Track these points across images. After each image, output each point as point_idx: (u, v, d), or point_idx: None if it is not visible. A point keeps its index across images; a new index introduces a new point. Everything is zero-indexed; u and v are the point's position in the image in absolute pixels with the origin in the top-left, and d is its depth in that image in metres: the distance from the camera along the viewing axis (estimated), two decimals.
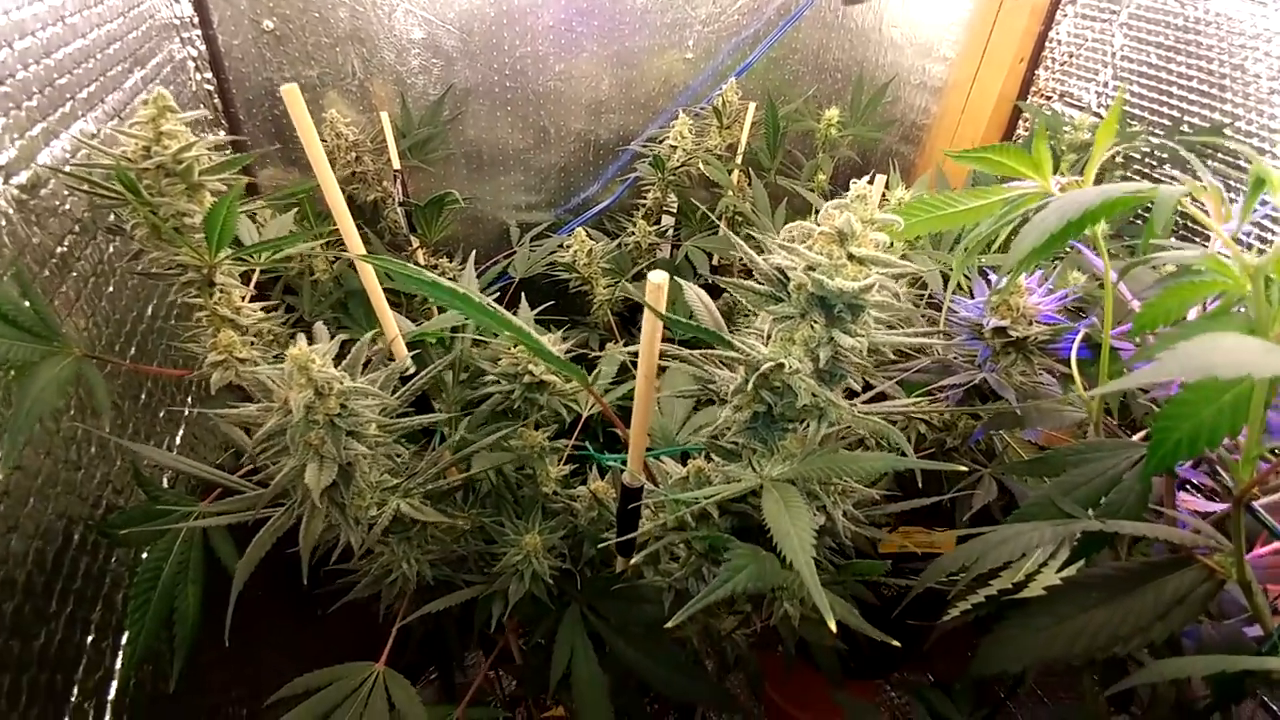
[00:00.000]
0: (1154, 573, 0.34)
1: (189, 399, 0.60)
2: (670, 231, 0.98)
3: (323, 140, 0.85)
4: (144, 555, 0.45)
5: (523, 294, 0.71)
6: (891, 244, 0.33)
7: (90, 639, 0.39)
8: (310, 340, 0.37)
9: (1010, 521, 0.37)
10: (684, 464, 0.42)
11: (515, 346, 0.52)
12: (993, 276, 0.52)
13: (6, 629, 0.33)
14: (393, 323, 0.47)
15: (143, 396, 0.51)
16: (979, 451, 0.54)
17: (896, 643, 0.34)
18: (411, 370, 0.49)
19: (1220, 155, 0.90)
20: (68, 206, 0.45)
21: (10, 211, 0.38)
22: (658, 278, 0.29)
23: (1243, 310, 0.28)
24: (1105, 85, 1.07)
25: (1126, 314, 0.46)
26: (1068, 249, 0.69)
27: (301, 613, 0.64)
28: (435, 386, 0.54)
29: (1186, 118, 0.95)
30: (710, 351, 0.36)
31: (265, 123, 0.87)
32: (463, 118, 0.95)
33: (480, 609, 0.50)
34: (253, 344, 0.51)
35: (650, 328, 0.31)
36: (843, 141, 0.95)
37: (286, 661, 0.61)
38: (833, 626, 0.26)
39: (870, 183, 0.32)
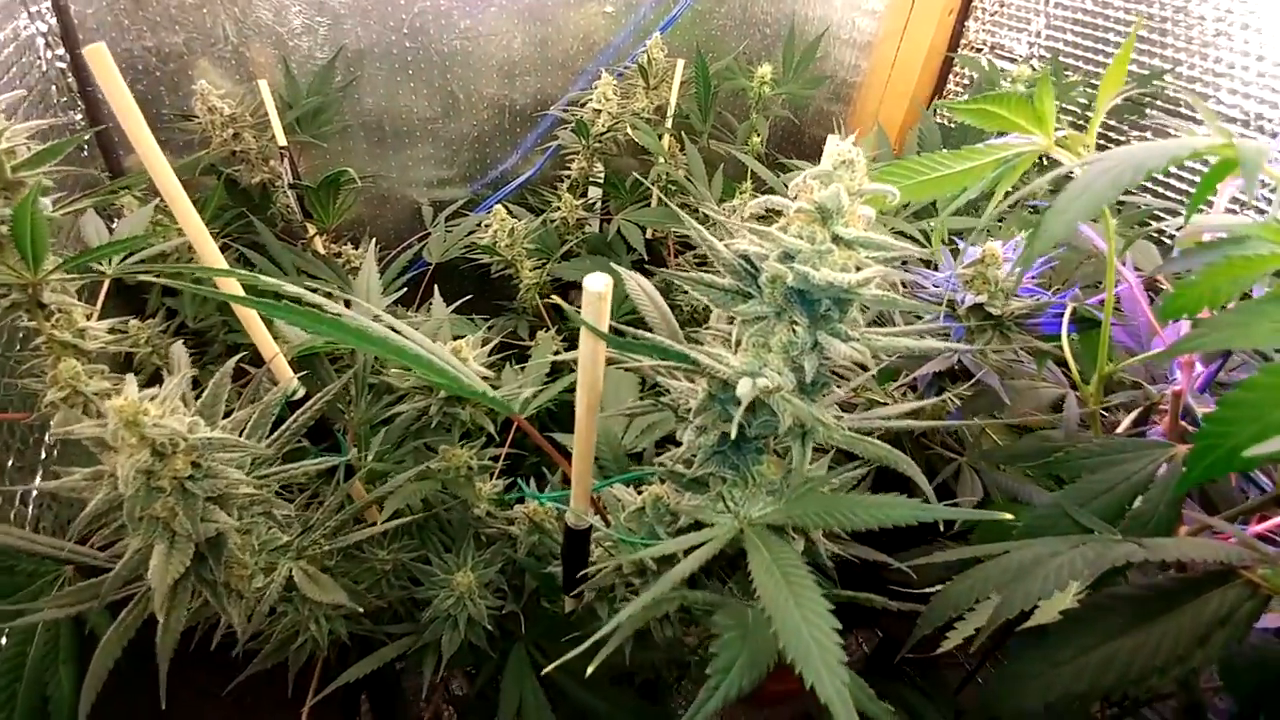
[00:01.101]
0: (1190, 591, 0.29)
1: (46, 438, 0.49)
2: (598, 204, 0.90)
3: (194, 117, 0.72)
4: (0, 640, 0.35)
5: (437, 283, 0.63)
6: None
7: None
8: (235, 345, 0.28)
9: (1020, 537, 0.32)
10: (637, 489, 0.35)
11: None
12: (962, 245, 0.47)
13: None
14: (269, 340, 0.38)
15: None
16: (950, 437, 0.50)
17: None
18: (300, 394, 0.40)
19: (1159, 103, 0.90)
20: None
21: None
22: (596, 284, 0.22)
23: None
24: (1038, 35, 1.05)
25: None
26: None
27: (209, 680, 0.54)
28: (334, 407, 0.45)
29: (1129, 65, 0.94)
30: (664, 362, 0.30)
31: (120, 68, 0.72)
32: (358, 84, 0.83)
33: (410, 664, 0.43)
34: (103, 373, 0.41)
35: (590, 348, 0.24)
36: (776, 100, 0.89)
37: None
38: None
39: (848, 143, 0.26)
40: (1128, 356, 0.42)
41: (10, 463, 0.49)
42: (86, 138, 0.70)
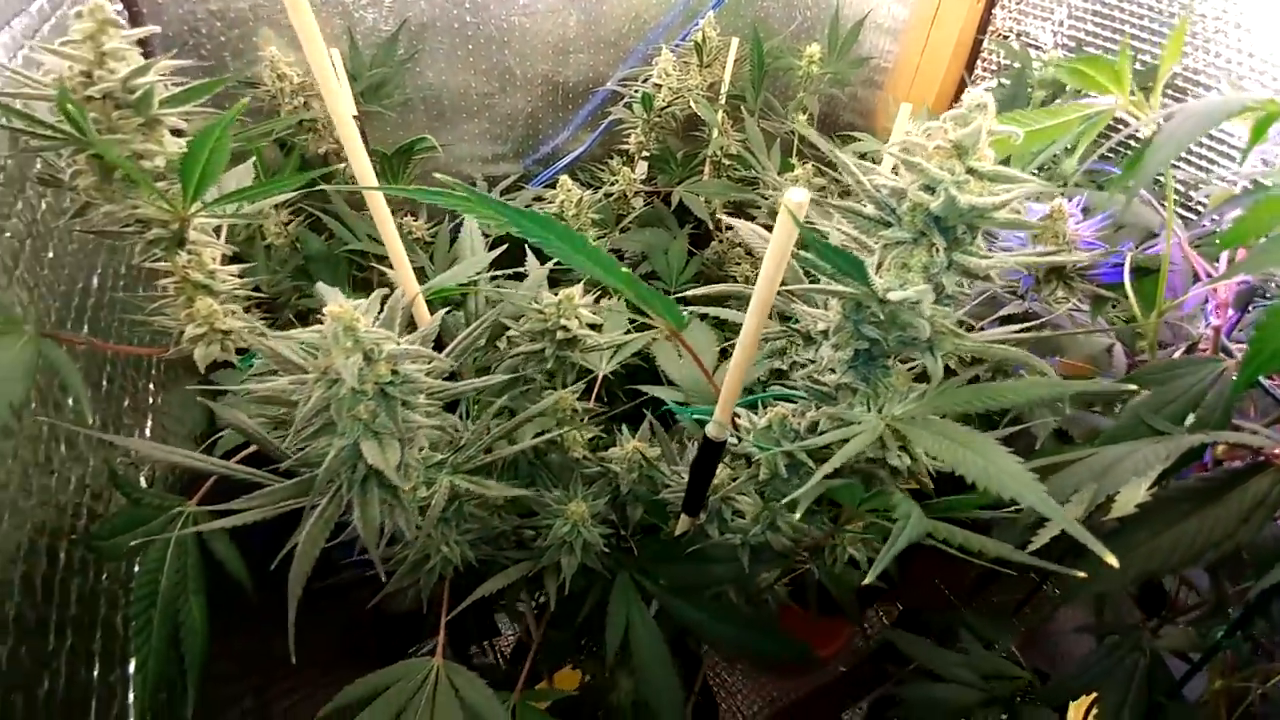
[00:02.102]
0: (1235, 480, 0.34)
1: (150, 383, 0.52)
2: (644, 179, 0.93)
3: (263, 84, 0.75)
4: (135, 568, 0.38)
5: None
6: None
7: (96, 673, 0.33)
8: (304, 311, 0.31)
9: (1102, 443, 0.36)
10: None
11: (541, 301, 0.47)
12: (1030, 204, 0.50)
13: (4, 678, 0.27)
14: (413, 280, 0.41)
15: (104, 383, 0.43)
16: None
17: None
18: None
19: (1169, 91, 0.93)
20: None
21: None
22: (798, 196, 0.25)
23: None
24: (1060, 24, 1.08)
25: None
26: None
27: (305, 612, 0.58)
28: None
29: (1138, 56, 0.97)
30: (795, 287, 0.33)
31: (181, 32, 0.74)
32: (420, 57, 0.85)
33: (523, 587, 0.46)
34: (233, 313, 0.44)
35: (778, 253, 0.27)
36: (822, 79, 0.92)
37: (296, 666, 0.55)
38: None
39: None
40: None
41: (125, 403, 0.52)
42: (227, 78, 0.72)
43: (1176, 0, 0.92)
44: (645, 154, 0.89)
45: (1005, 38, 1.18)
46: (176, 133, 0.40)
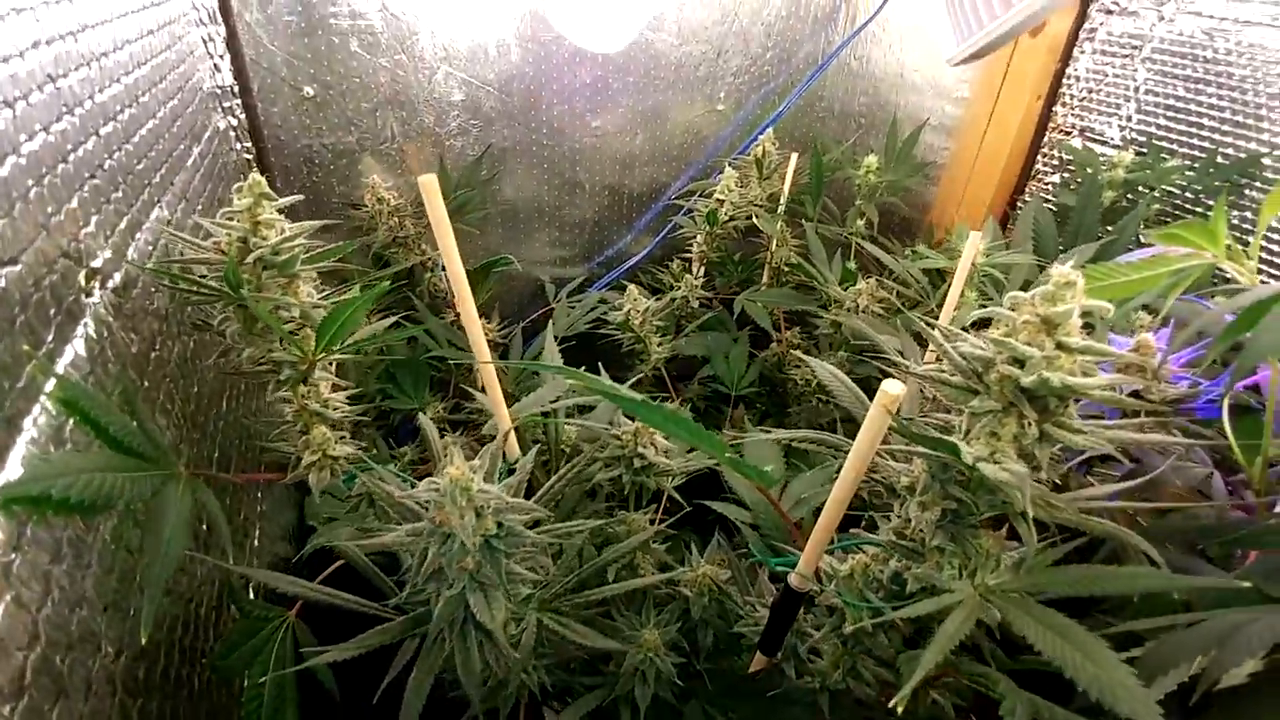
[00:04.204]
0: None
1: (259, 494, 0.56)
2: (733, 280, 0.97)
3: (364, 205, 0.82)
4: (245, 681, 0.41)
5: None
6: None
7: None
8: (403, 433, 0.34)
9: (1209, 607, 0.35)
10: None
11: (622, 429, 0.49)
12: (1115, 338, 0.50)
13: None
14: (507, 417, 0.43)
15: (227, 500, 0.47)
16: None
17: None
18: (520, 461, 0.45)
19: (1257, 185, 0.92)
20: (155, 304, 0.42)
21: (110, 319, 0.35)
22: (894, 388, 0.26)
23: None
24: (1128, 119, 1.09)
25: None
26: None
27: None
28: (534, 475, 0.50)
29: (1221, 149, 0.97)
30: (885, 448, 0.34)
31: (303, 189, 0.84)
32: (499, 176, 0.93)
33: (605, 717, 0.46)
34: (343, 438, 0.48)
35: (871, 433, 0.28)
36: (880, 187, 0.95)
37: None
38: None
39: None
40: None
41: (241, 515, 0.55)
42: (350, 245, 0.80)
43: (1264, 90, 0.91)
44: (705, 260, 0.93)
45: (1068, 134, 1.20)
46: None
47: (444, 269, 0.84)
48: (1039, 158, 1.23)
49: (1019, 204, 1.25)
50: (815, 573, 0.37)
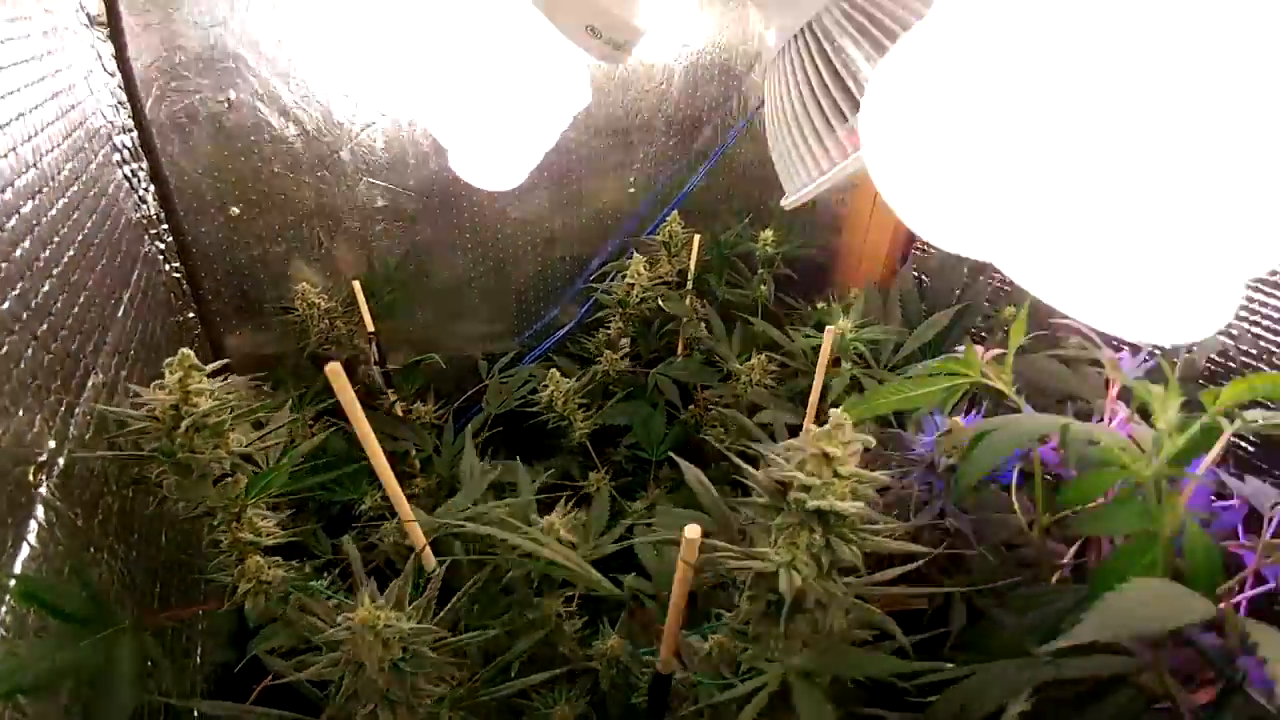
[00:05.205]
0: (1100, 693, 0.41)
1: (200, 615, 0.61)
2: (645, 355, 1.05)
3: (295, 309, 0.88)
4: None
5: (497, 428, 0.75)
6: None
7: None
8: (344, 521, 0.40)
9: (975, 661, 0.44)
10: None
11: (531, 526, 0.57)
12: (939, 418, 0.60)
13: None
14: (420, 535, 0.50)
15: (169, 631, 0.52)
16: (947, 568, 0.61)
17: None
18: (433, 568, 0.52)
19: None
20: (95, 468, 0.47)
21: (57, 503, 0.41)
22: (692, 533, 0.34)
23: (1141, 497, 0.36)
24: None
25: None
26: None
27: None
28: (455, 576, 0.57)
29: None
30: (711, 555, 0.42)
31: (234, 298, 0.89)
32: (427, 269, 1.00)
33: None
34: (276, 563, 0.54)
35: (682, 574, 0.36)
36: (777, 259, 1.05)
37: None
38: None
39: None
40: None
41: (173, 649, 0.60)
42: (270, 404, 0.85)
43: None
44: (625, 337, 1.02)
45: None
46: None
47: (376, 364, 0.90)
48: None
49: (914, 252, 1.38)
50: (679, 655, 0.45)
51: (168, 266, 0.81)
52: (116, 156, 0.75)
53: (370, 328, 0.88)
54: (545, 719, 0.53)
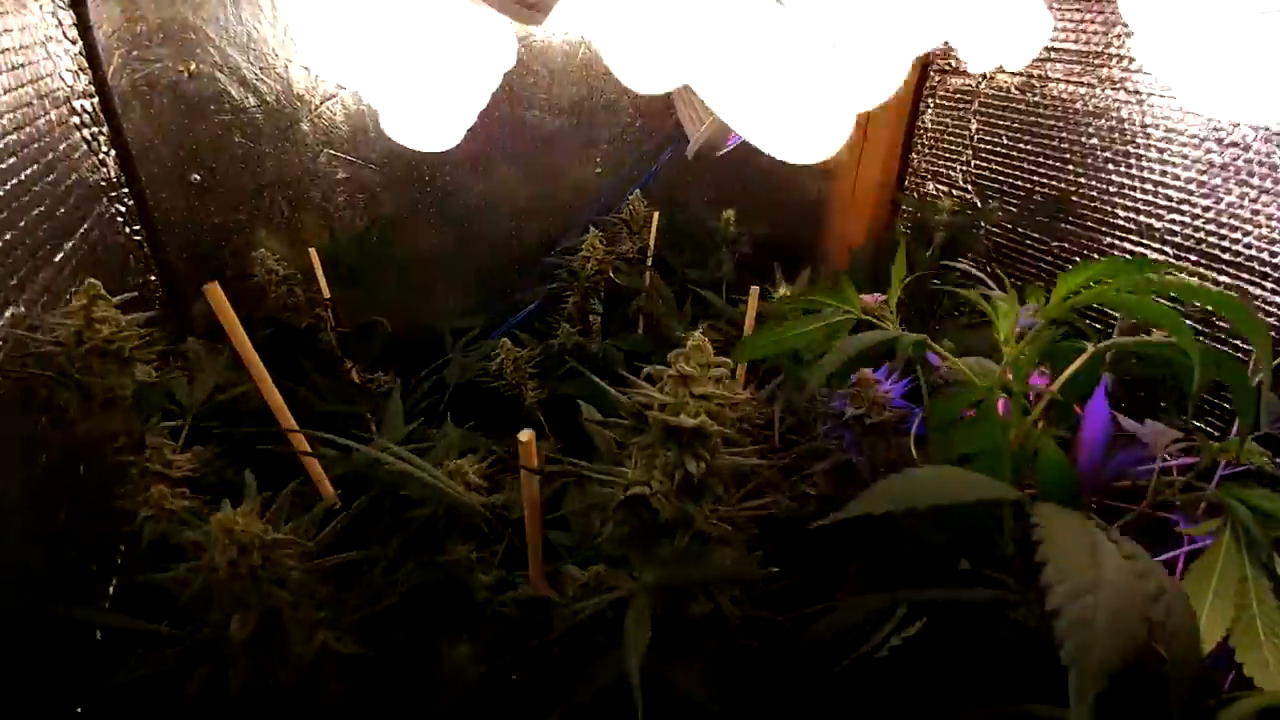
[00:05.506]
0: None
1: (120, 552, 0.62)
2: (598, 328, 1.06)
3: (254, 276, 0.90)
4: None
5: (456, 402, 0.77)
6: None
7: None
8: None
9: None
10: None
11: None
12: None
13: None
14: (317, 466, 0.51)
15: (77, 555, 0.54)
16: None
17: None
18: (338, 505, 0.53)
19: (1070, 219, 1.04)
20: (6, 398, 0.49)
21: None
22: (524, 436, 0.35)
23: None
24: (968, 164, 1.22)
25: None
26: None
27: None
28: (370, 514, 0.58)
29: (1037, 189, 1.09)
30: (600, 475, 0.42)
31: (196, 262, 0.92)
32: (391, 240, 1.01)
33: None
34: (184, 494, 0.55)
35: (527, 481, 0.36)
36: (741, 238, 1.05)
37: None
38: None
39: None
40: None
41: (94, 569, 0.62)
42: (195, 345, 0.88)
43: (1068, 137, 1.04)
44: (589, 309, 1.02)
45: (924, 178, 1.32)
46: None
47: (334, 329, 0.92)
48: (901, 201, 1.36)
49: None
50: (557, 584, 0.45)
51: (128, 229, 0.84)
52: (75, 120, 0.77)
53: (326, 294, 0.90)
54: (432, 652, 0.53)
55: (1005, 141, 1.13)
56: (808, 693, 0.43)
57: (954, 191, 1.23)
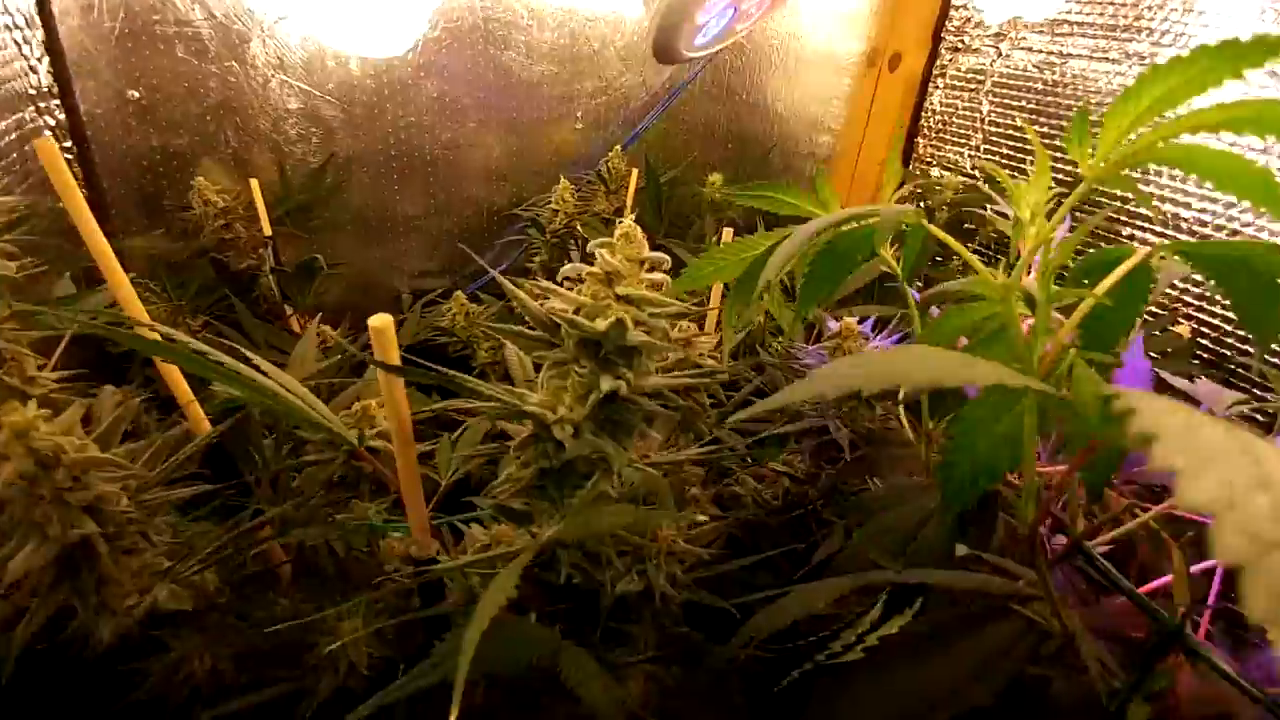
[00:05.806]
0: (968, 626, 0.32)
1: None
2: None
3: (190, 207, 0.82)
4: None
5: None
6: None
7: None
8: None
9: (829, 574, 0.35)
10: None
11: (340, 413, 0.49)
12: (831, 323, 0.51)
13: None
14: (186, 389, 0.43)
15: None
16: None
17: None
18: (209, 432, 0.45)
19: (1085, 206, 0.96)
20: None
21: None
22: (376, 322, 0.27)
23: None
24: (977, 149, 1.14)
25: None
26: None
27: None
28: (246, 456, 0.49)
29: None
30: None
31: (133, 190, 0.84)
32: (348, 185, 0.93)
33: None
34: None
35: (386, 381, 0.28)
36: (726, 205, 0.97)
37: None
38: None
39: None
40: None
41: None
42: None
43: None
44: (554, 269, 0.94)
45: (928, 165, 1.25)
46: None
47: (272, 271, 0.84)
48: (904, 186, 1.28)
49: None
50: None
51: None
52: (6, 20, 0.69)
53: (267, 231, 0.82)
54: (329, 632, 0.45)
55: (1019, 124, 1.06)
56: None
57: (961, 178, 1.16)
